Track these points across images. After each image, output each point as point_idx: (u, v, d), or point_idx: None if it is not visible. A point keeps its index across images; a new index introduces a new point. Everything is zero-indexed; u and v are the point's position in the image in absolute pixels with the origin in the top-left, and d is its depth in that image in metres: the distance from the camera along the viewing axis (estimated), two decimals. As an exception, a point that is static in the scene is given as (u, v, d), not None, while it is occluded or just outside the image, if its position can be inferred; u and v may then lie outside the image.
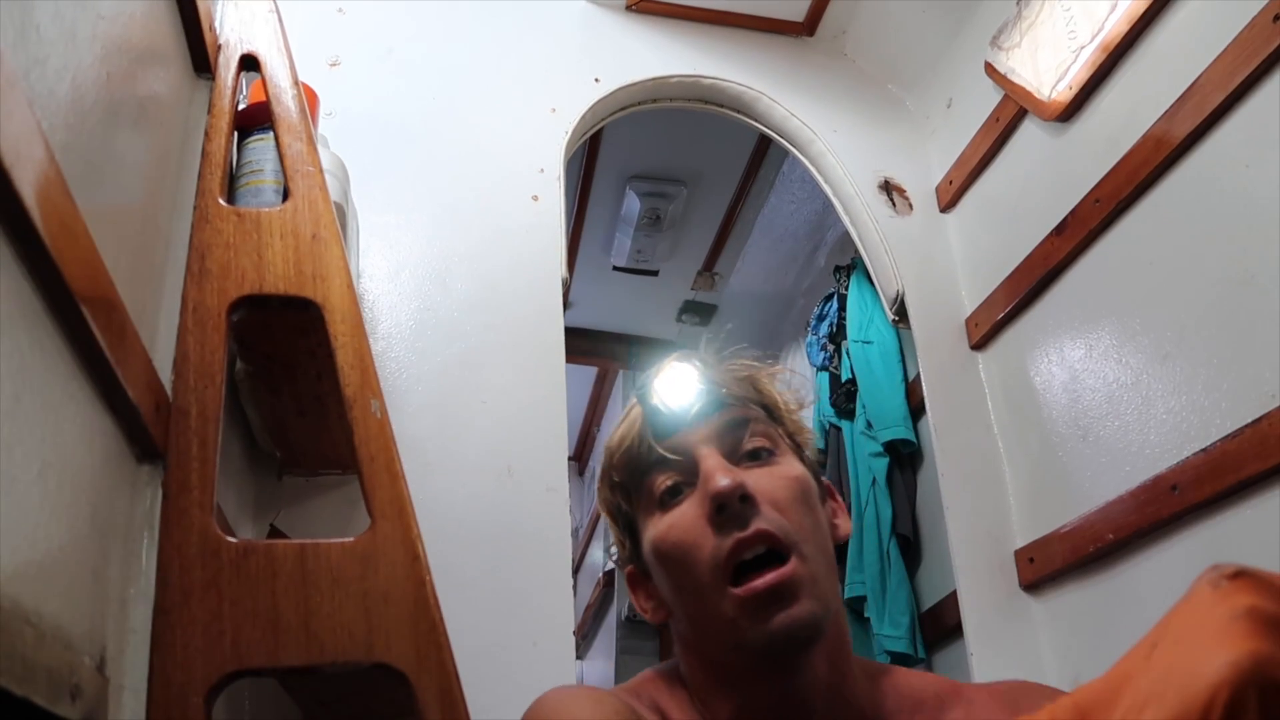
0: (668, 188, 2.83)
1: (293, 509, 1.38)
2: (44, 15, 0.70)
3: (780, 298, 3.31)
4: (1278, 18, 1.22)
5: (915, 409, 2.17)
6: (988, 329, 1.83)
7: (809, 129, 2.00)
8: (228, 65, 1.18)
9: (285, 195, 1.11)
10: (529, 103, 1.85)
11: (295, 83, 1.20)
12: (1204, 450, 1.29)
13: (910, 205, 2.00)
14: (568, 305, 1.81)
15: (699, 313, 3.46)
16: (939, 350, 1.87)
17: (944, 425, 1.80)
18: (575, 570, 4.57)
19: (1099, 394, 1.53)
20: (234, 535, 0.97)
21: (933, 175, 2.04)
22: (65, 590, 0.70)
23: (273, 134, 1.15)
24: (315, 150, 1.15)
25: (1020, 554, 1.67)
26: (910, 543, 2.16)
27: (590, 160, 2.70)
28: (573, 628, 1.43)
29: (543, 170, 1.78)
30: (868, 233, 1.95)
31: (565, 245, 1.74)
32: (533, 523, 1.49)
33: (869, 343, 2.31)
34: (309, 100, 1.23)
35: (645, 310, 3.47)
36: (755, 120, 2.04)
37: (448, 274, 1.65)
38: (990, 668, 1.59)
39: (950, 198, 1.98)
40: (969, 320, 1.89)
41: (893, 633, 2.08)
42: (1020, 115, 1.77)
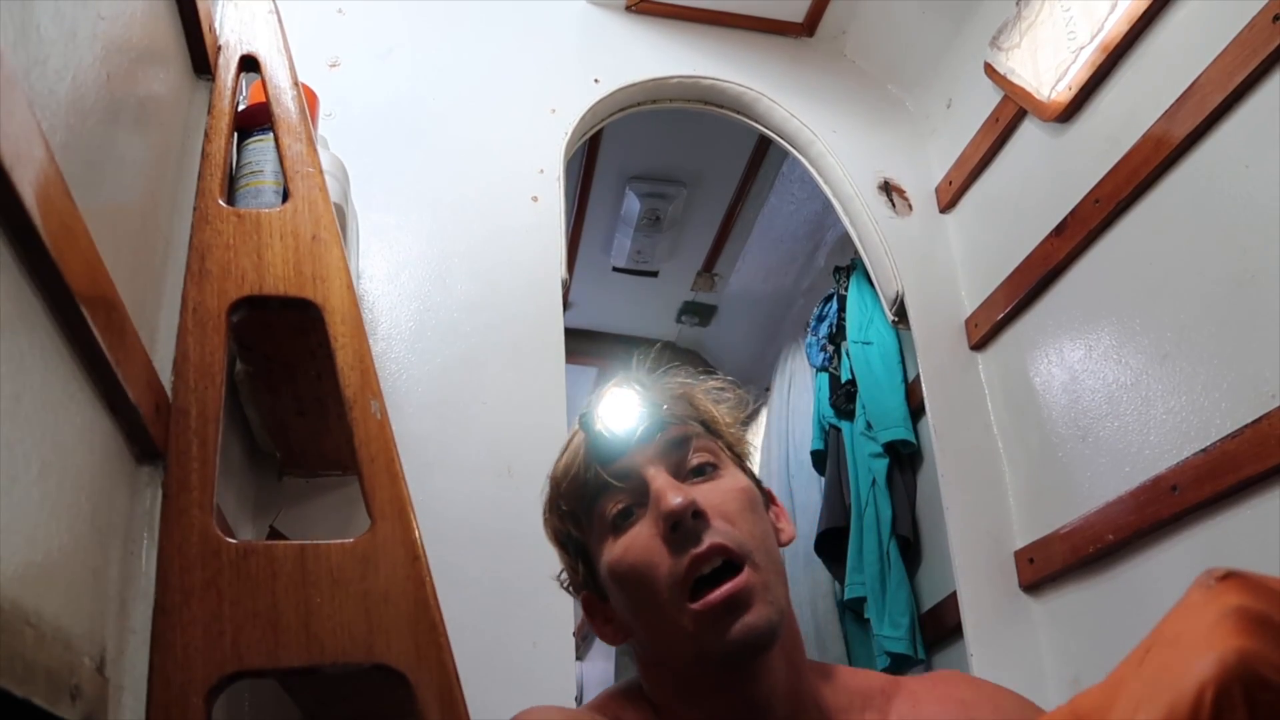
0: (667, 188, 2.83)
1: (292, 509, 1.38)
2: (44, 15, 0.70)
3: (780, 298, 3.31)
4: (1277, 18, 1.22)
5: (915, 409, 2.16)
6: (987, 329, 1.83)
7: (809, 129, 2.00)
8: (227, 66, 1.19)
9: (285, 196, 1.11)
10: (529, 103, 1.85)
11: (295, 83, 1.20)
12: (1204, 450, 1.29)
13: (910, 206, 2.00)
14: (567, 306, 1.81)
15: (699, 313, 3.46)
16: (939, 351, 1.87)
17: (944, 426, 1.80)
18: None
19: (1099, 394, 1.53)
20: (234, 536, 0.97)
21: (932, 176, 2.04)
22: (65, 591, 0.70)
23: (272, 135, 1.15)
24: (315, 151, 1.15)
25: (1020, 555, 1.67)
26: (910, 543, 2.16)
27: (590, 161, 2.70)
28: (572, 628, 1.43)
29: (542, 171, 1.78)
30: (867, 233, 1.95)
31: (565, 246, 1.74)
32: (533, 523, 1.48)
33: (869, 343, 2.31)
34: (309, 101, 1.24)
35: (645, 311, 3.47)
36: (755, 121, 2.04)
37: (447, 274, 1.65)
38: (990, 668, 1.59)
39: (950, 198, 1.98)
40: (969, 321, 1.89)
41: (893, 633, 2.08)
42: (1020, 115, 1.77)
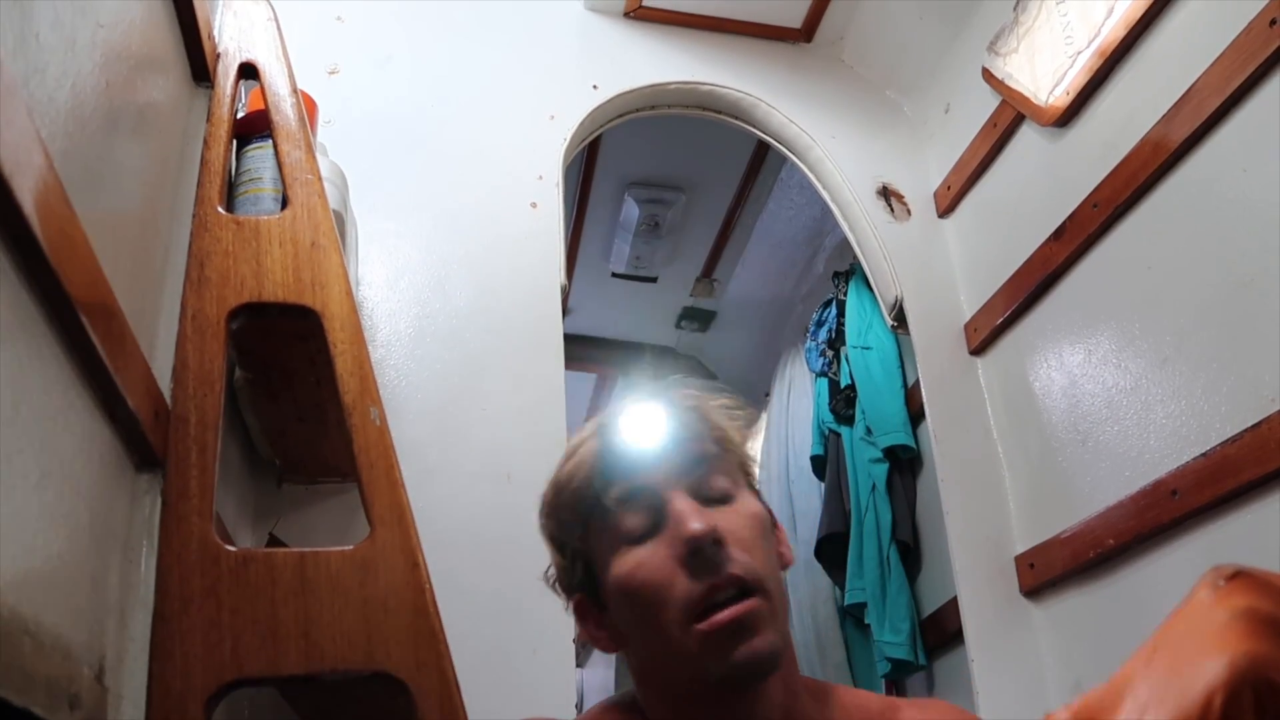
0: (666, 194, 2.83)
1: (292, 516, 1.38)
2: (43, 23, 0.70)
3: (779, 304, 3.31)
4: (1274, 22, 1.22)
5: (915, 414, 2.16)
6: (987, 334, 1.83)
7: (807, 135, 2.00)
8: (226, 73, 1.19)
9: (284, 203, 1.11)
10: (527, 110, 1.85)
11: (294, 91, 1.20)
12: (1203, 454, 1.29)
13: (908, 211, 2.00)
14: (567, 312, 1.81)
15: (698, 319, 3.46)
16: (938, 355, 1.87)
17: (944, 430, 1.80)
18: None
19: (1098, 399, 1.53)
20: (233, 543, 0.97)
21: (931, 181, 2.04)
22: (64, 599, 0.69)
23: (271, 142, 1.15)
24: (314, 158, 1.15)
25: (1021, 559, 1.67)
26: (910, 549, 2.16)
27: (589, 167, 2.70)
28: (573, 635, 1.42)
29: (541, 177, 1.78)
30: (866, 238, 1.95)
31: (564, 252, 1.74)
32: (533, 530, 1.47)
33: (868, 348, 2.31)
34: (308, 108, 1.24)
35: (644, 317, 3.47)
36: (753, 127, 2.05)
37: (447, 281, 1.65)
38: (991, 673, 1.59)
39: (948, 203, 1.98)
40: (968, 325, 1.89)
41: (893, 639, 2.08)
42: (1018, 120, 1.77)
